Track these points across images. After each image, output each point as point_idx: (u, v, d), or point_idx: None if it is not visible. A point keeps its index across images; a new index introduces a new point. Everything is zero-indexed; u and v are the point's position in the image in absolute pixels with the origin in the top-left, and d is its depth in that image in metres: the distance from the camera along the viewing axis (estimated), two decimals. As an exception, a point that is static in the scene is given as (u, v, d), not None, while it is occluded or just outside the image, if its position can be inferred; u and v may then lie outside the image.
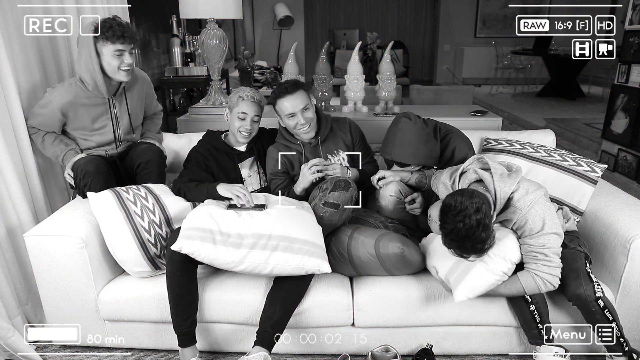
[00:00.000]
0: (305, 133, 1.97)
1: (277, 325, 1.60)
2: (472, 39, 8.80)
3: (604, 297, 1.55)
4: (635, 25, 3.44)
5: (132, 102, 2.06)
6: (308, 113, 1.93)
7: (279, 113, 1.96)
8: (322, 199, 1.75)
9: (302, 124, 1.93)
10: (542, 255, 1.52)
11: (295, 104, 1.90)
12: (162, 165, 2.05)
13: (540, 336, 1.62)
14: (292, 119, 1.92)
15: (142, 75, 2.15)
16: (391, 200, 1.87)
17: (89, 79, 1.87)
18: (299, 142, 2.01)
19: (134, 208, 1.76)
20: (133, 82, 2.06)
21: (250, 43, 7.42)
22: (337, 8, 9.18)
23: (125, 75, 1.89)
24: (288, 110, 1.91)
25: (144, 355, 1.82)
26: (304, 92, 1.94)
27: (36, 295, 1.84)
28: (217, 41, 2.75)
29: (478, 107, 3.15)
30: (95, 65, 1.83)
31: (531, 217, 1.52)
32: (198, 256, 1.57)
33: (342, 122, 2.11)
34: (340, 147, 2.07)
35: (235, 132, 2.01)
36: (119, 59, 1.84)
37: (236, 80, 4.85)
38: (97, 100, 1.94)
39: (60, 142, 1.97)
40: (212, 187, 1.83)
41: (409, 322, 1.71)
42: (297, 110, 1.91)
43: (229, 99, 2.04)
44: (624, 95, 3.59)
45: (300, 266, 1.60)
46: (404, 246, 1.65)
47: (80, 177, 1.88)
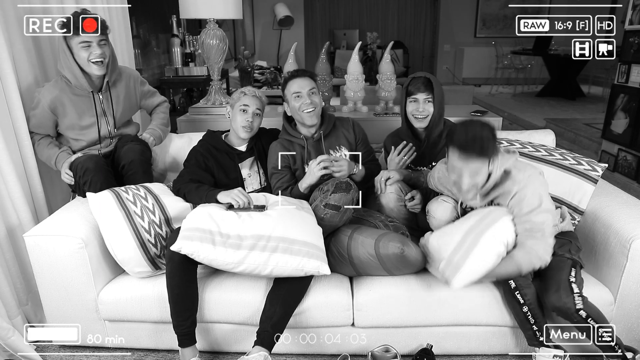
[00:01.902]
0: (309, 116, 1.97)
1: (278, 325, 1.60)
2: (472, 39, 8.80)
3: (587, 306, 1.52)
4: (635, 25, 3.44)
5: (118, 98, 2.08)
6: (314, 97, 1.97)
7: (287, 97, 2.00)
8: (323, 200, 1.75)
9: (307, 105, 1.95)
10: (540, 233, 1.52)
11: (303, 85, 1.97)
12: (145, 163, 2.03)
13: (536, 337, 1.61)
14: (297, 100, 1.96)
15: (129, 72, 2.18)
16: (392, 197, 1.88)
17: (69, 76, 1.92)
18: (302, 137, 2.02)
19: (134, 208, 1.76)
20: (118, 78, 2.08)
21: (250, 43, 7.43)
22: (337, 8, 9.17)
23: (98, 68, 1.90)
24: (295, 89, 1.96)
25: (144, 355, 1.82)
26: (312, 79, 2.01)
27: (36, 295, 1.84)
28: (217, 41, 2.75)
29: (478, 107, 3.15)
30: (70, 61, 1.88)
31: (530, 192, 1.53)
32: (197, 257, 1.57)
33: (345, 120, 2.14)
34: (342, 144, 2.07)
35: (237, 129, 2.01)
36: (87, 51, 1.86)
37: (236, 80, 4.85)
38: (82, 93, 1.98)
39: (53, 146, 2.01)
40: (210, 195, 1.81)
41: (409, 322, 1.71)
42: (303, 91, 1.95)
43: (230, 98, 2.07)
44: (624, 95, 3.59)
45: (300, 268, 1.60)
46: (404, 246, 1.65)
47: (80, 174, 1.89)
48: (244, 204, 1.74)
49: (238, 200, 1.75)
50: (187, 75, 4.06)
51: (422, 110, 1.94)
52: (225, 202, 1.77)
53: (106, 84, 2.02)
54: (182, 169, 2.02)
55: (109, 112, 2.05)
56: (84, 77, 1.93)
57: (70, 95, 1.95)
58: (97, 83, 2.01)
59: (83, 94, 1.98)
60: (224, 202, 1.77)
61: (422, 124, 1.97)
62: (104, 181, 1.89)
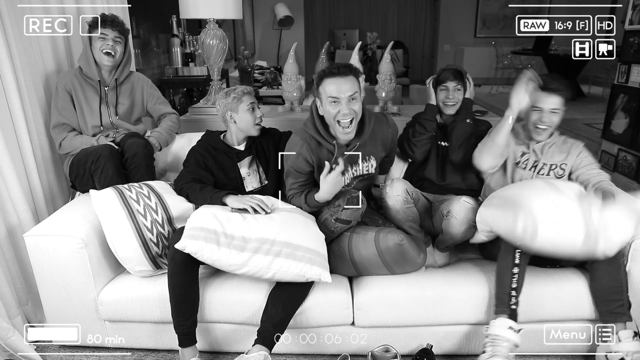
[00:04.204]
0: (344, 133, 1.74)
1: (279, 325, 1.60)
2: (472, 39, 8.80)
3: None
4: (635, 25, 3.44)
5: (123, 94, 2.21)
6: (354, 104, 1.70)
7: (321, 96, 1.73)
8: (334, 214, 1.73)
9: (344, 115, 1.69)
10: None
11: (344, 89, 1.67)
12: (148, 157, 2.08)
13: (509, 304, 1.60)
14: (334, 106, 1.69)
15: (140, 75, 2.31)
16: (398, 199, 1.83)
17: (83, 63, 2.11)
18: (334, 143, 1.79)
19: (137, 207, 1.76)
20: (127, 79, 2.22)
21: (250, 43, 7.42)
22: (337, 8, 9.17)
23: (107, 59, 2.09)
24: (332, 93, 1.67)
25: (144, 355, 1.82)
26: (356, 79, 1.72)
27: (36, 295, 1.84)
28: (217, 41, 2.75)
29: (478, 107, 3.14)
30: (87, 50, 2.09)
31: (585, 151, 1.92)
32: (201, 256, 1.57)
33: (381, 119, 1.91)
34: (373, 153, 1.88)
35: (249, 129, 1.98)
36: (102, 42, 2.07)
37: (236, 80, 4.85)
38: (90, 82, 2.13)
39: (81, 135, 2.13)
40: (216, 198, 1.80)
41: (409, 322, 1.71)
42: (342, 96, 1.67)
43: (224, 105, 1.96)
44: (624, 95, 3.59)
45: (302, 274, 1.60)
46: (404, 238, 1.66)
47: (93, 159, 1.95)
48: (259, 208, 1.73)
49: (253, 206, 1.73)
50: (187, 75, 4.05)
51: (452, 97, 2.02)
52: (237, 207, 1.74)
53: (114, 81, 2.16)
54: (182, 169, 2.02)
55: (112, 104, 2.17)
56: (95, 67, 2.11)
57: (81, 80, 2.12)
58: (106, 77, 2.16)
59: (91, 83, 2.13)
60: (236, 207, 1.75)
61: (452, 110, 2.05)
62: (115, 171, 1.94)
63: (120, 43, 2.12)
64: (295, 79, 2.87)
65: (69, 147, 2.08)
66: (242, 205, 1.74)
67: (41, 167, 2.08)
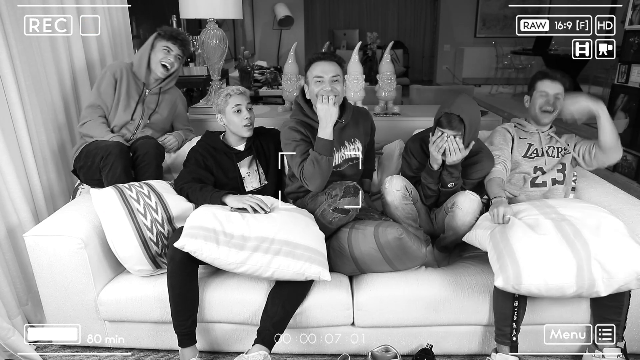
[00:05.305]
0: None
1: (279, 324, 1.60)
2: (472, 39, 8.80)
3: None
4: (635, 25, 3.44)
5: (161, 104, 2.29)
6: (336, 85, 1.84)
7: (308, 78, 1.88)
8: (331, 205, 1.75)
9: (328, 91, 1.81)
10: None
11: (327, 69, 1.84)
12: (159, 157, 2.12)
13: (510, 337, 1.60)
14: (318, 85, 1.83)
15: (179, 92, 2.43)
16: (397, 195, 1.85)
17: (136, 61, 2.21)
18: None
19: (137, 206, 1.76)
20: (169, 91, 2.32)
21: (250, 43, 7.43)
22: (337, 8, 9.17)
23: (162, 71, 2.20)
24: (317, 73, 1.83)
25: (144, 355, 1.82)
26: (339, 65, 1.88)
27: (36, 295, 1.84)
28: (217, 41, 2.75)
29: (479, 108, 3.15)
30: (146, 52, 2.20)
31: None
32: (200, 255, 1.57)
33: (362, 110, 2.09)
34: (358, 136, 1.99)
35: (239, 130, 1.99)
36: (164, 54, 2.19)
37: (236, 80, 4.85)
38: (136, 80, 2.22)
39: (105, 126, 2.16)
40: (216, 197, 1.81)
41: (409, 322, 1.71)
42: (326, 77, 1.83)
43: (215, 106, 1.99)
44: (624, 95, 3.59)
45: (301, 272, 1.60)
46: (403, 232, 1.66)
47: (103, 155, 1.97)
48: (258, 207, 1.74)
49: (253, 206, 1.74)
50: (187, 75, 4.05)
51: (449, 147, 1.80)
52: (237, 207, 1.76)
53: (157, 88, 2.27)
54: (183, 169, 2.02)
55: (147, 107, 2.25)
56: (146, 70, 2.21)
57: (129, 74, 2.21)
58: (151, 82, 2.26)
59: (137, 82, 2.23)
60: (236, 207, 1.76)
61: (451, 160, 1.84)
62: (123, 170, 1.97)
63: (179, 60, 2.25)
64: (295, 79, 2.87)
65: (88, 129, 2.11)
66: (242, 205, 1.75)
67: (41, 167, 2.08)
